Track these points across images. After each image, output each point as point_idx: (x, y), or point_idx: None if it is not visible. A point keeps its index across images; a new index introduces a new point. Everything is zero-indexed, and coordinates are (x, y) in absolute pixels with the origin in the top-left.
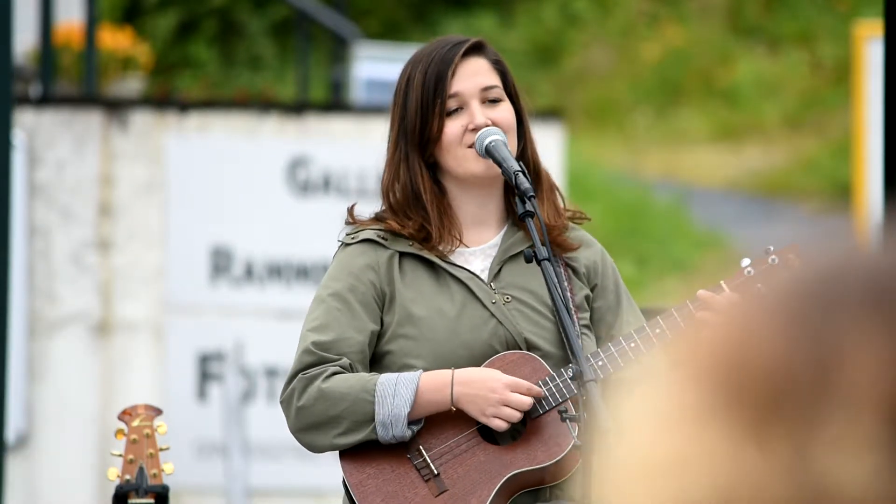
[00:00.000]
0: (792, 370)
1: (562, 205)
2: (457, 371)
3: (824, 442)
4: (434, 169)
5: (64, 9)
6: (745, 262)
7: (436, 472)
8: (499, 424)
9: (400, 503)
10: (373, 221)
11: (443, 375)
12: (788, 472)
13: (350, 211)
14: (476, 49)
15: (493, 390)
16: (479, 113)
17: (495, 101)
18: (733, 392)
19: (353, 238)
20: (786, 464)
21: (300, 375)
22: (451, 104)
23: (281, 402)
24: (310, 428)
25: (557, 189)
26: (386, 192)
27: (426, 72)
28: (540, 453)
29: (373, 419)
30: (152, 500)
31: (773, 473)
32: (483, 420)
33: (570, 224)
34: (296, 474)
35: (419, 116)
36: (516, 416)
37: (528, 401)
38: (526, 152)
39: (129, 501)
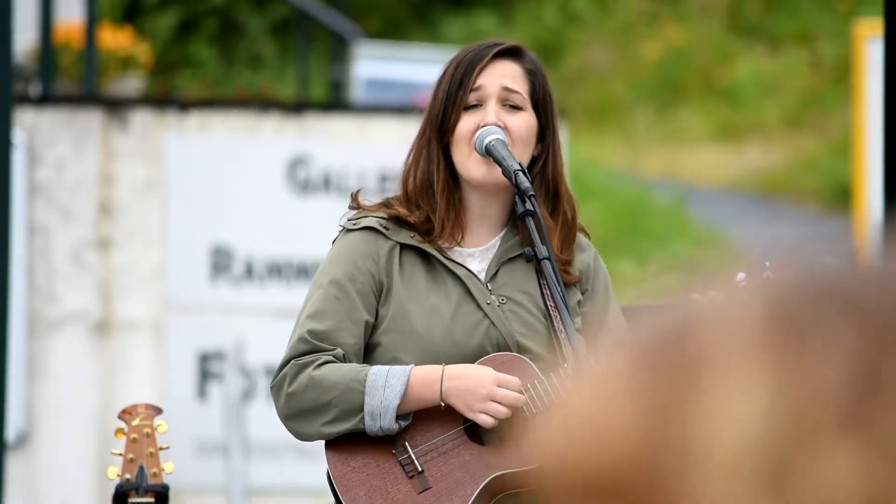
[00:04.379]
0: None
1: (574, 238)
2: (447, 367)
3: None
4: (453, 163)
5: (64, 8)
6: (741, 276)
7: (420, 469)
8: (485, 420)
9: (383, 498)
10: (378, 207)
11: (433, 371)
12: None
13: (355, 196)
14: (512, 53)
15: (482, 385)
16: (492, 112)
17: (516, 108)
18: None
19: (354, 224)
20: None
21: (293, 362)
22: (471, 98)
23: (272, 388)
24: (298, 414)
25: (575, 223)
26: (405, 178)
27: (458, 64)
28: (525, 456)
29: (361, 409)
30: (152, 499)
31: None
32: (470, 415)
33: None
34: (296, 473)
35: (442, 106)
36: (503, 411)
37: (514, 396)
38: (546, 170)
39: (130, 500)
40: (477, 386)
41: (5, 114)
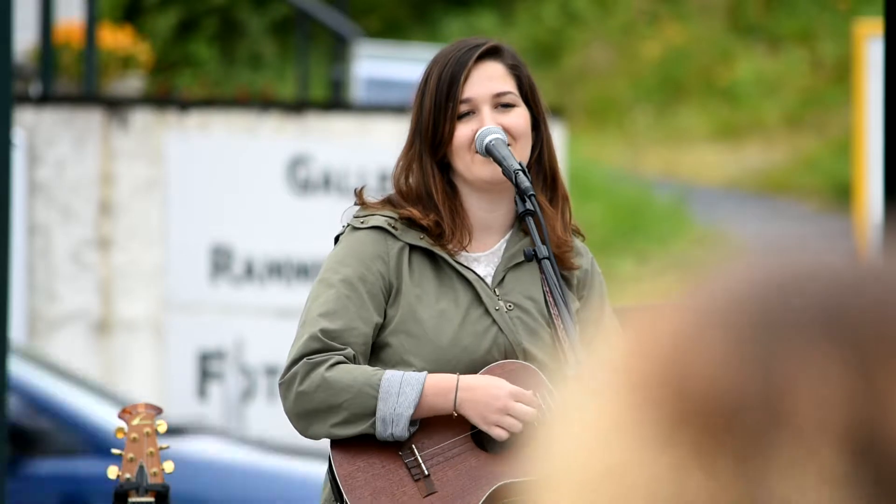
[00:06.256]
0: (737, 393)
1: (569, 221)
2: (462, 377)
3: (778, 471)
4: (448, 169)
5: (64, 7)
6: None
7: (426, 472)
8: (499, 433)
9: (388, 499)
10: (384, 206)
11: (448, 380)
12: (738, 500)
13: (359, 193)
14: (492, 53)
15: (497, 398)
16: (489, 119)
17: (508, 107)
18: (674, 410)
19: (362, 223)
20: (735, 491)
21: (304, 360)
22: (463, 108)
23: (280, 384)
24: (308, 414)
25: (569, 204)
26: (397, 180)
27: (441, 74)
28: (532, 466)
29: (373, 414)
30: (152, 499)
31: (721, 499)
32: (484, 428)
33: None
34: None
35: (432, 118)
36: (517, 425)
37: (530, 411)
38: (542, 158)
39: (130, 500)
40: (492, 398)
41: (5, 114)
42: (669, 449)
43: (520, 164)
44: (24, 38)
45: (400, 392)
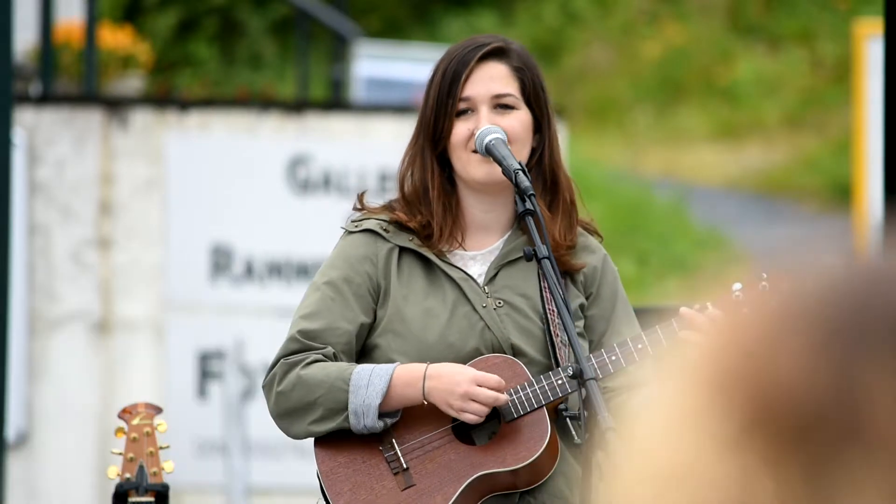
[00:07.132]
0: (813, 403)
1: (576, 222)
2: (430, 366)
3: (846, 484)
4: (450, 167)
5: (64, 7)
6: (737, 286)
7: (405, 466)
8: (468, 418)
9: (367, 494)
10: (381, 210)
11: (417, 369)
12: None
13: (360, 197)
14: (498, 53)
15: (459, 384)
16: (486, 119)
17: (507, 109)
18: (745, 414)
19: (356, 226)
20: (801, 500)
21: (282, 361)
22: (462, 106)
23: (263, 386)
24: (287, 413)
25: (574, 207)
26: (402, 181)
27: (445, 70)
28: (509, 456)
29: (346, 408)
30: (152, 499)
31: None
32: (452, 413)
33: (578, 230)
34: (296, 472)
35: (433, 114)
36: (483, 410)
37: (492, 395)
38: (543, 162)
39: (130, 500)
40: (455, 385)
41: (5, 114)
42: (737, 454)
43: (520, 163)
44: (24, 38)
45: (369, 383)
